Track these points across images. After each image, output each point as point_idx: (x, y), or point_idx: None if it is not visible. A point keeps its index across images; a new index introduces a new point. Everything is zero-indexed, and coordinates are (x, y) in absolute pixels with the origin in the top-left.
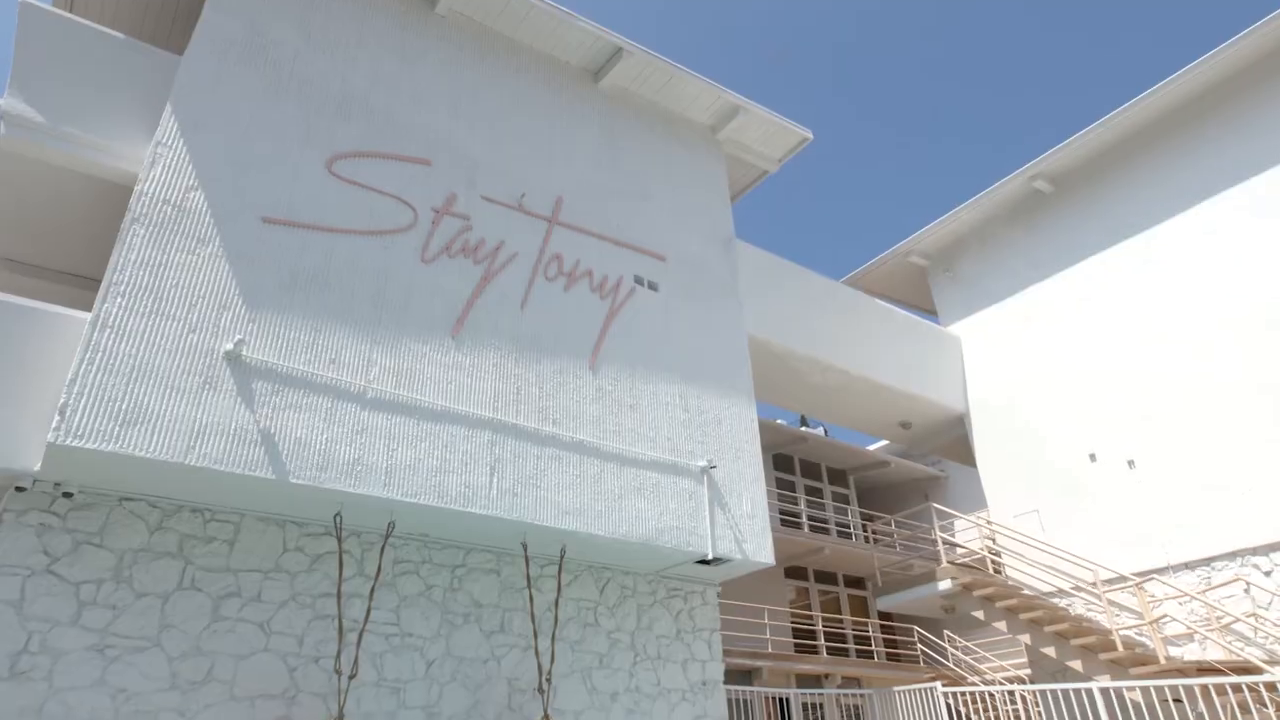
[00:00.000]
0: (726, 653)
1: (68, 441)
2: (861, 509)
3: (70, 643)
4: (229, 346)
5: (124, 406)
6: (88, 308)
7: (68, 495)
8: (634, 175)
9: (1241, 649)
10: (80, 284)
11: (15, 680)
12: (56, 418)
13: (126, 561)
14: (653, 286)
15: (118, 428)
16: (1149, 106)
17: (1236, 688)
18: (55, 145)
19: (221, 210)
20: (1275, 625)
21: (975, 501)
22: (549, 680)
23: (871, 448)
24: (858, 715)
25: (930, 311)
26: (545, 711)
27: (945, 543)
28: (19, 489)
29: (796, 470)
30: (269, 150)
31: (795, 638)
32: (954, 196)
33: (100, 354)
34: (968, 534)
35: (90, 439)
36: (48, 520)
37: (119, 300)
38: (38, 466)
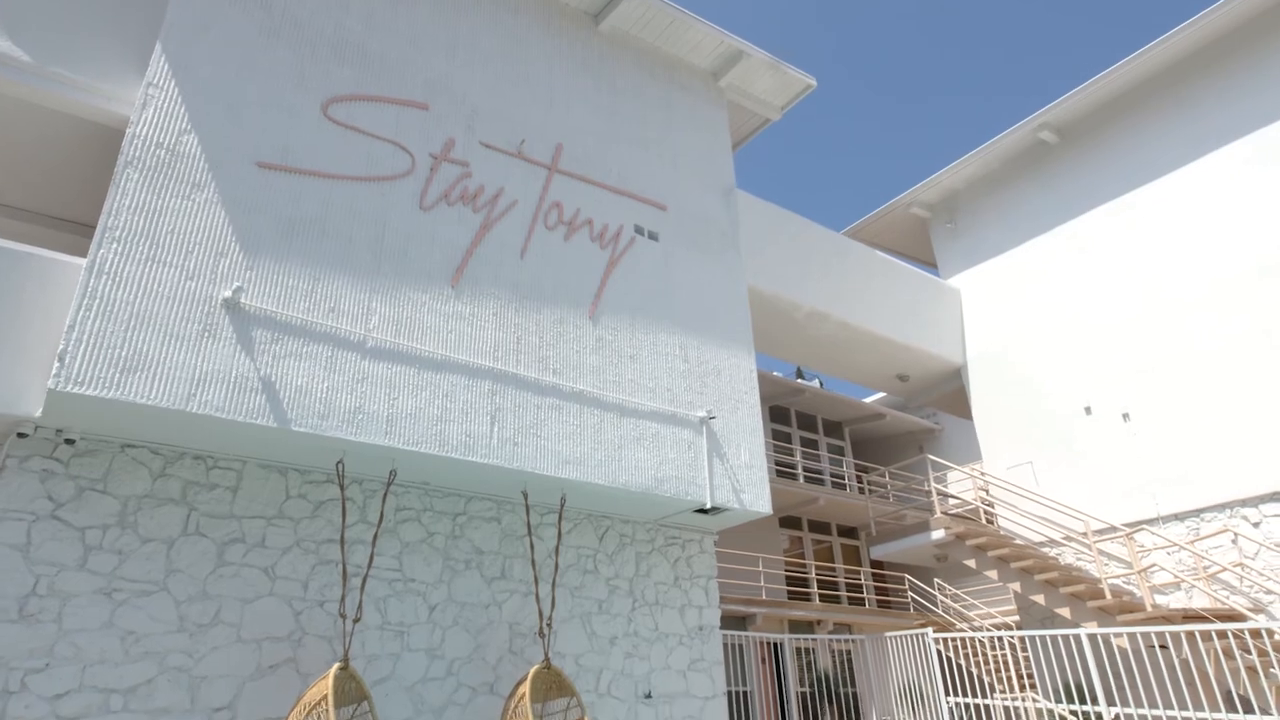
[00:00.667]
0: (721, 599)
1: (68, 388)
2: (856, 460)
3: (78, 586)
4: (227, 294)
5: (124, 353)
6: (81, 253)
7: (69, 442)
8: (634, 122)
9: (1227, 598)
10: (72, 229)
11: (25, 622)
12: (56, 364)
13: (130, 507)
14: (653, 236)
15: (118, 375)
16: (1156, 56)
17: (1221, 634)
18: (43, 86)
19: (216, 155)
20: (1261, 574)
21: (968, 454)
22: (550, 625)
23: (867, 400)
24: (849, 660)
25: (930, 264)
26: (546, 654)
27: (939, 493)
28: (20, 435)
29: (793, 422)
30: (262, 93)
31: (789, 585)
32: (958, 153)
33: (97, 300)
34: (961, 485)
35: (91, 386)
36: (51, 466)
37: (114, 246)
38: (39, 413)
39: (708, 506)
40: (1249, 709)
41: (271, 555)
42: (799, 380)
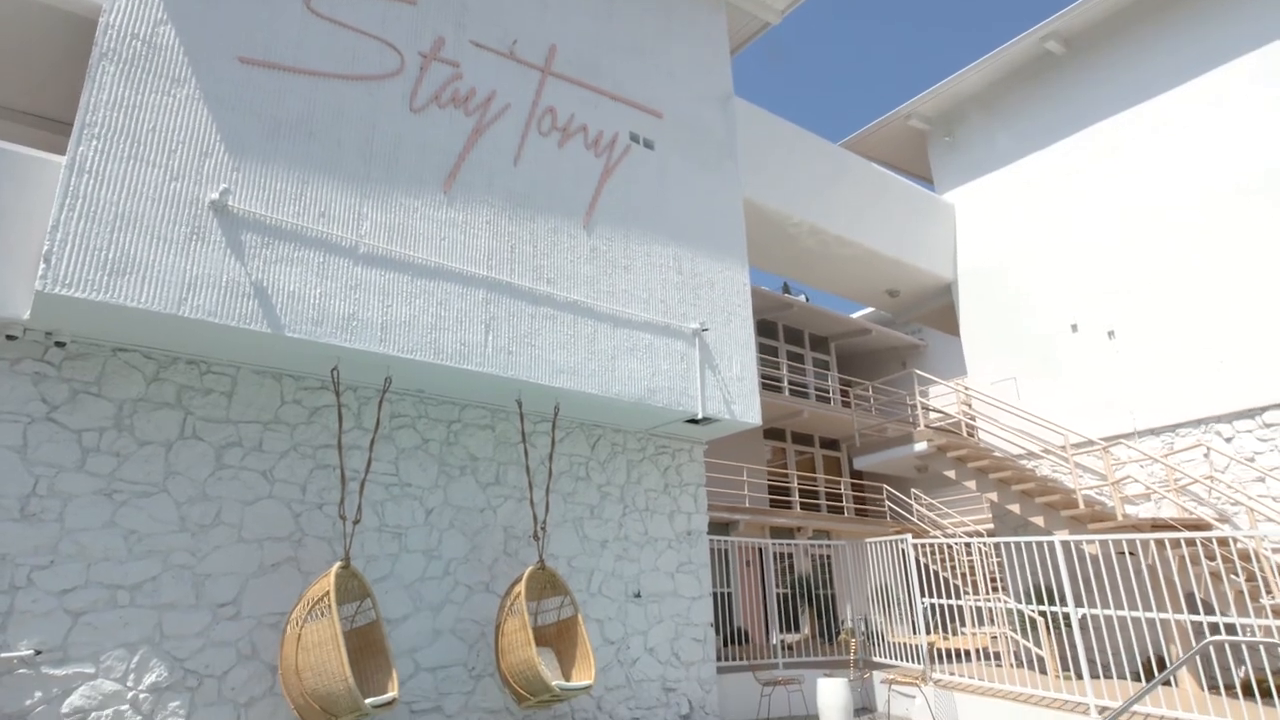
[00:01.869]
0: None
1: (56, 290)
2: (841, 375)
3: (78, 487)
4: (214, 196)
5: (111, 255)
6: (58, 151)
7: (60, 345)
8: (630, 24)
9: (1194, 509)
10: (44, 125)
11: (27, 521)
12: (42, 265)
13: (126, 411)
14: (648, 144)
15: (106, 277)
16: None
17: (1190, 542)
18: None
19: (195, 48)
20: (1229, 487)
21: (952, 370)
22: (543, 528)
23: (854, 315)
24: (826, 564)
25: (927, 179)
26: (540, 556)
27: (923, 407)
28: (9, 337)
29: (780, 336)
30: None
31: (771, 494)
32: (962, 66)
33: (80, 200)
34: (944, 400)
35: (79, 288)
36: (42, 369)
37: (94, 144)
38: (26, 315)
39: (699, 417)
40: (1209, 611)
41: (269, 459)
42: (786, 295)
